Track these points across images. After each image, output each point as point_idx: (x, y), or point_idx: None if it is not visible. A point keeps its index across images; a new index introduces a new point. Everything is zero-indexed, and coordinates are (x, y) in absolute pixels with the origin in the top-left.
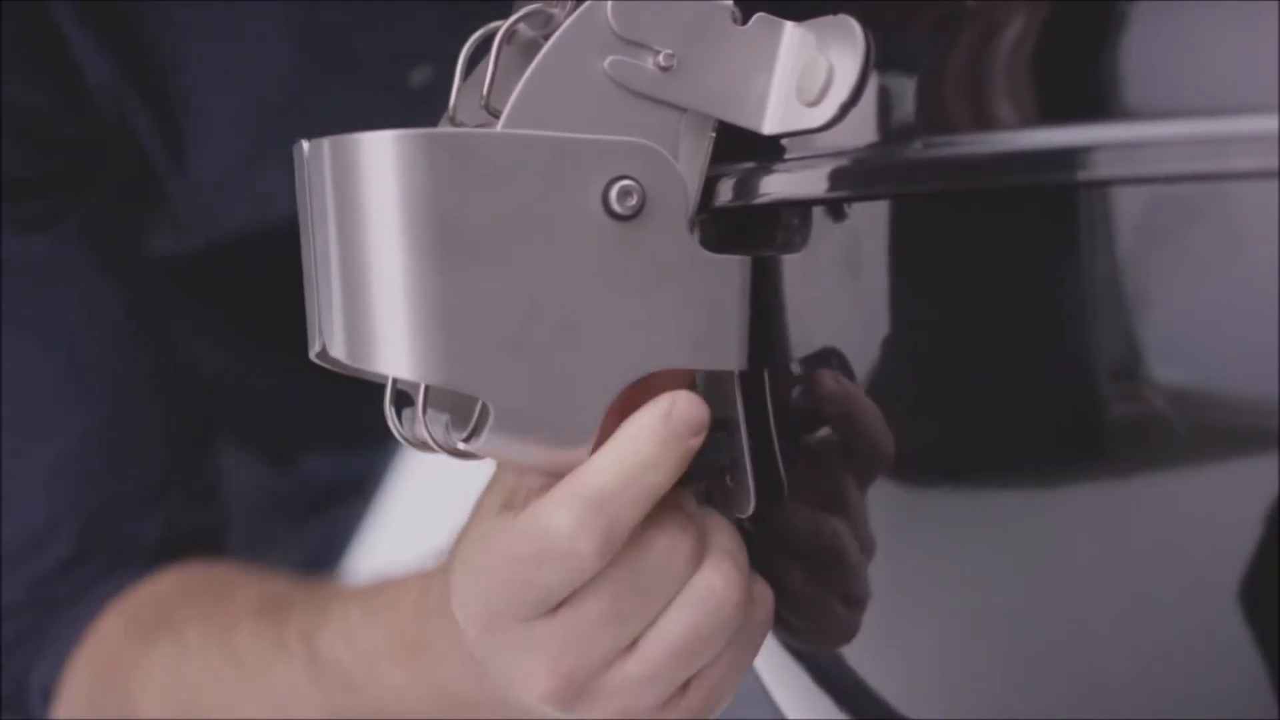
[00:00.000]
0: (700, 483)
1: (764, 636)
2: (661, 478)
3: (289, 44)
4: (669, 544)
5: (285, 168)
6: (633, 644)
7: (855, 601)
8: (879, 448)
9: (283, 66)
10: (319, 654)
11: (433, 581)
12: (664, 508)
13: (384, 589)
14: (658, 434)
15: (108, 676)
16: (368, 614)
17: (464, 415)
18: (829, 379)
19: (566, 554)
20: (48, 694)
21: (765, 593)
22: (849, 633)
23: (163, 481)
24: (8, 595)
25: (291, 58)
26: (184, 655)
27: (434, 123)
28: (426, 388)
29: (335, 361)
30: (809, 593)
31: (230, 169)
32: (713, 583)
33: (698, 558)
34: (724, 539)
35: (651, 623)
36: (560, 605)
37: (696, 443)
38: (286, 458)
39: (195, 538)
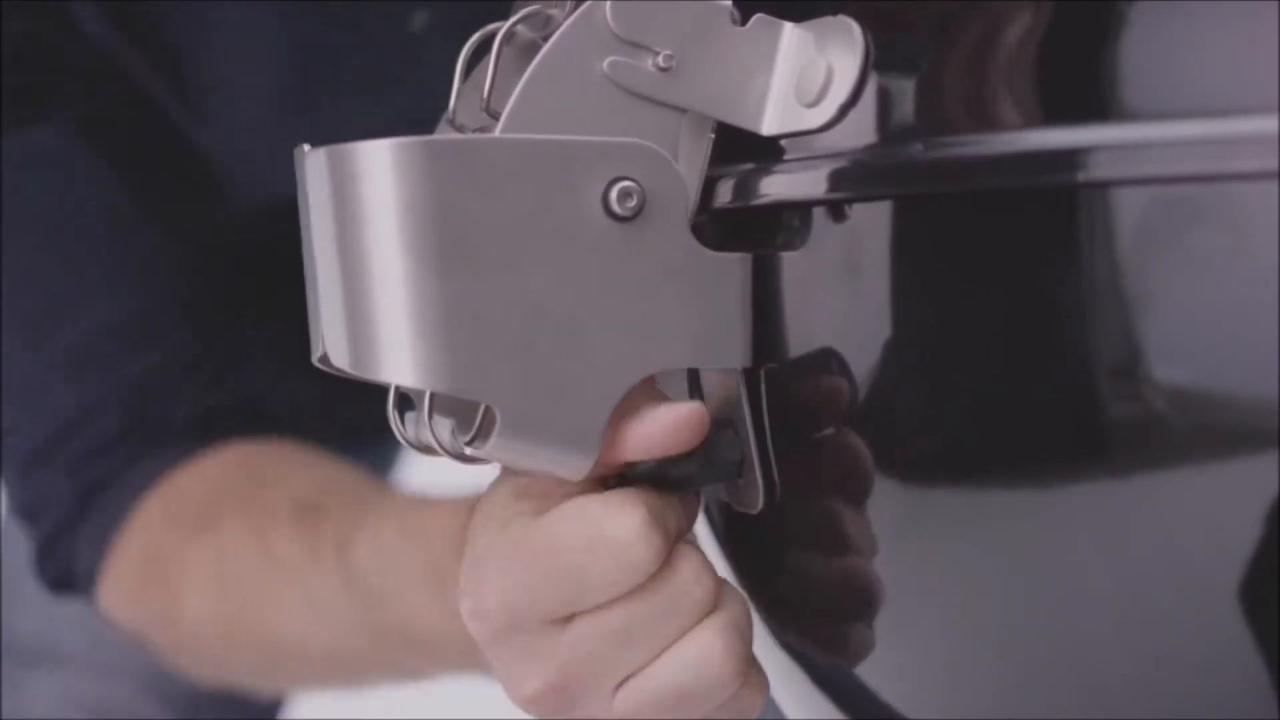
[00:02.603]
0: (713, 483)
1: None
2: (694, 510)
3: (291, 11)
4: (691, 572)
5: (294, 131)
6: (622, 682)
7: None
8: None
9: (282, 18)
10: (351, 565)
11: (467, 514)
12: (690, 549)
13: (420, 510)
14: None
15: (151, 566)
16: (401, 534)
17: (468, 419)
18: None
19: (626, 549)
20: (91, 577)
21: (760, 678)
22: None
23: (192, 358)
24: (50, 480)
25: (293, 22)
26: (223, 555)
27: (433, 92)
28: (432, 394)
29: (338, 368)
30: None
31: (247, 126)
32: (715, 646)
33: (710, 605)
34: (737, 611)
35: (648, 663)
36: (581, 613)
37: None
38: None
39: (230, 412)
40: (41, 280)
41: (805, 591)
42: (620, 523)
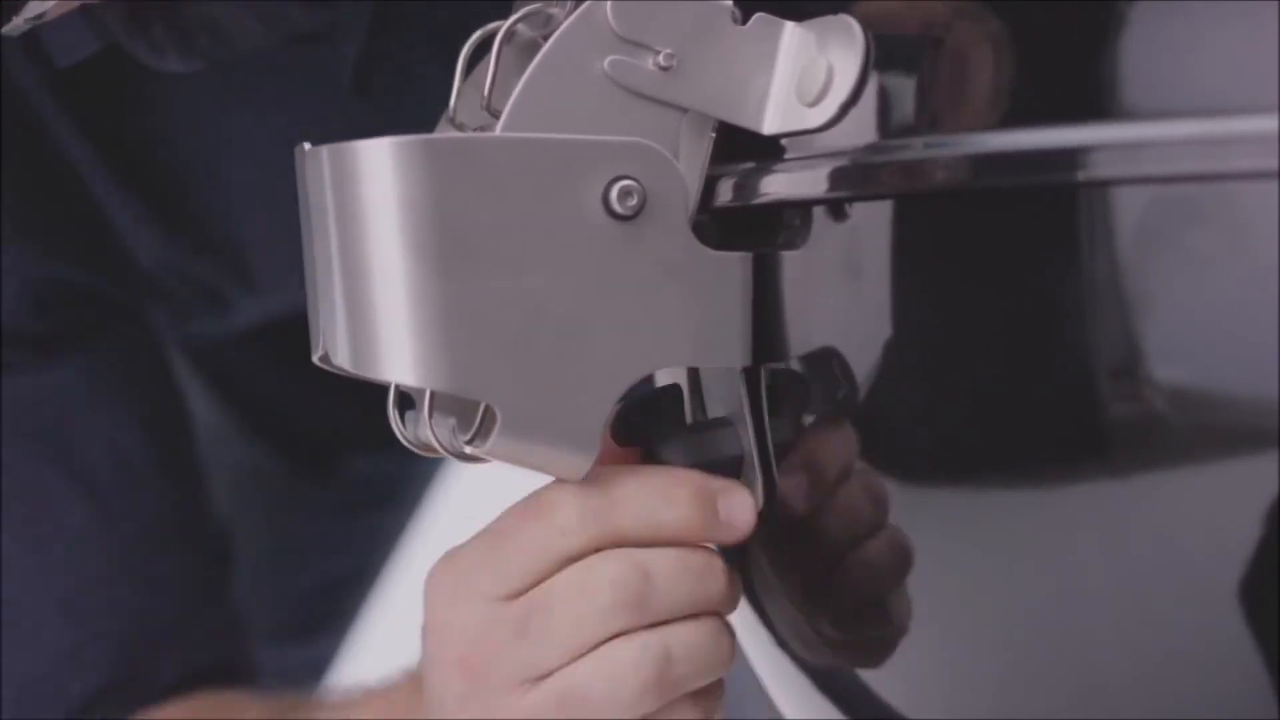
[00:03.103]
0: None
1: None
2: (675, 516)
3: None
4: (598, 586)
5: None
6: (540, 678)
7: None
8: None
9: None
10: None
11: (398, 694)
12: (622, 560)
13: (356, 704)
14: (690, 482)
15: None
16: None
17: (469, 417)
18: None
19: (552, 507)
20: None
21: (696, 707)
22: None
23: (182, 620)
24: (47, 715)
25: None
26: None
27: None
28: (432, 393)
29: (338, 367)
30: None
31: (278, 288)
32: (628, 661)
33: (624, 615)
34: (682, 640)
35: (562, 666)
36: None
37: (724, 530)
38: (325, 462)
39: (215, 675)
40: (52, 519)
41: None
42: (554, 487)
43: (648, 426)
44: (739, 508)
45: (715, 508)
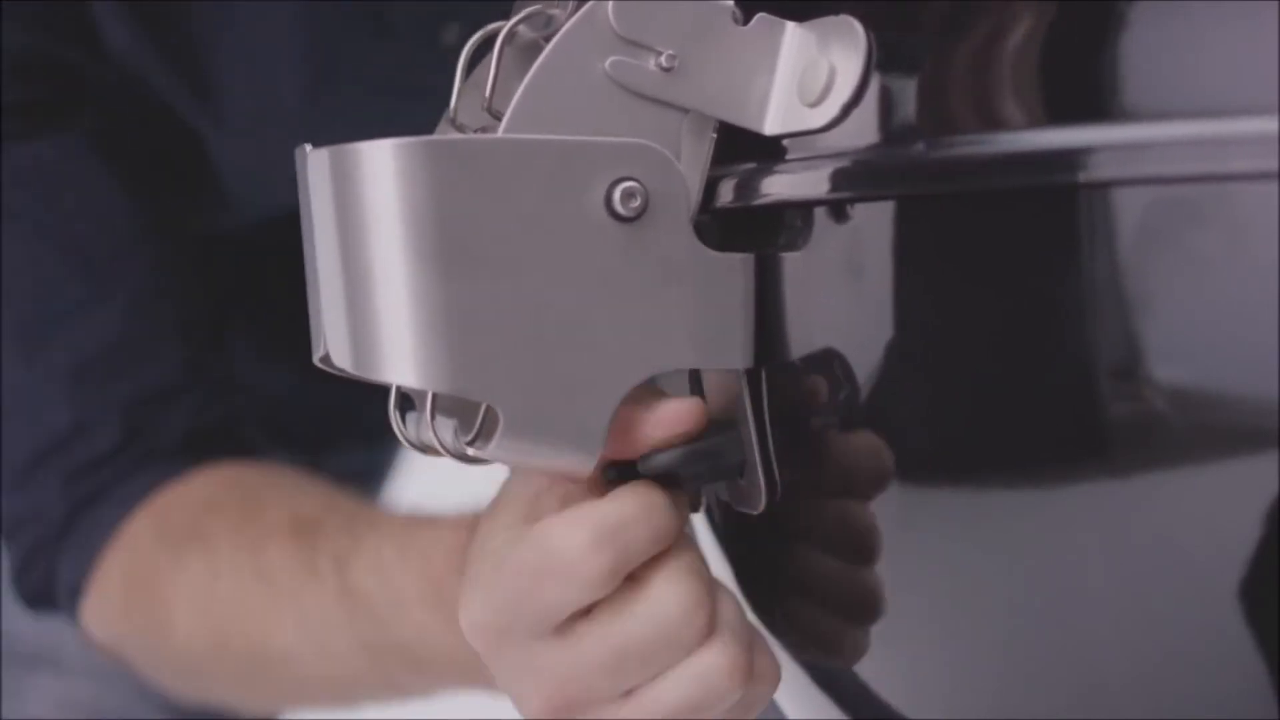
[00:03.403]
0: (714, 482)
1: (763, 706)
2: (674, 521)
3: (323, 8)
4: (683, 613)
5: (317, 137)
6: (630, 691)
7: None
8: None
9: (313, 34)
10: (350, 583)
11: (467, 534)
12: (685, 573)
13: (420, 530)
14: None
15: (139, 582)
16: (401, 553)
17: (471, 419)
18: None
19: (571, 571)
20: (75, 592)
21: (769, 667)
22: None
23: (184, 375)
24: (42, 492)
25: (319, 25)
26: (216, 571)
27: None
28: (434, 395)
29: (340, 369)
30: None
31: (268, 137)
32: (719, 664)
33: (708, 631)
34: (732, 617)
35: (650, 680)
36: (566, 632)
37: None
38: (311, 454)
39: (220, 431)
40: (39, 294)
41: (806, 592)
42: (564, 542)
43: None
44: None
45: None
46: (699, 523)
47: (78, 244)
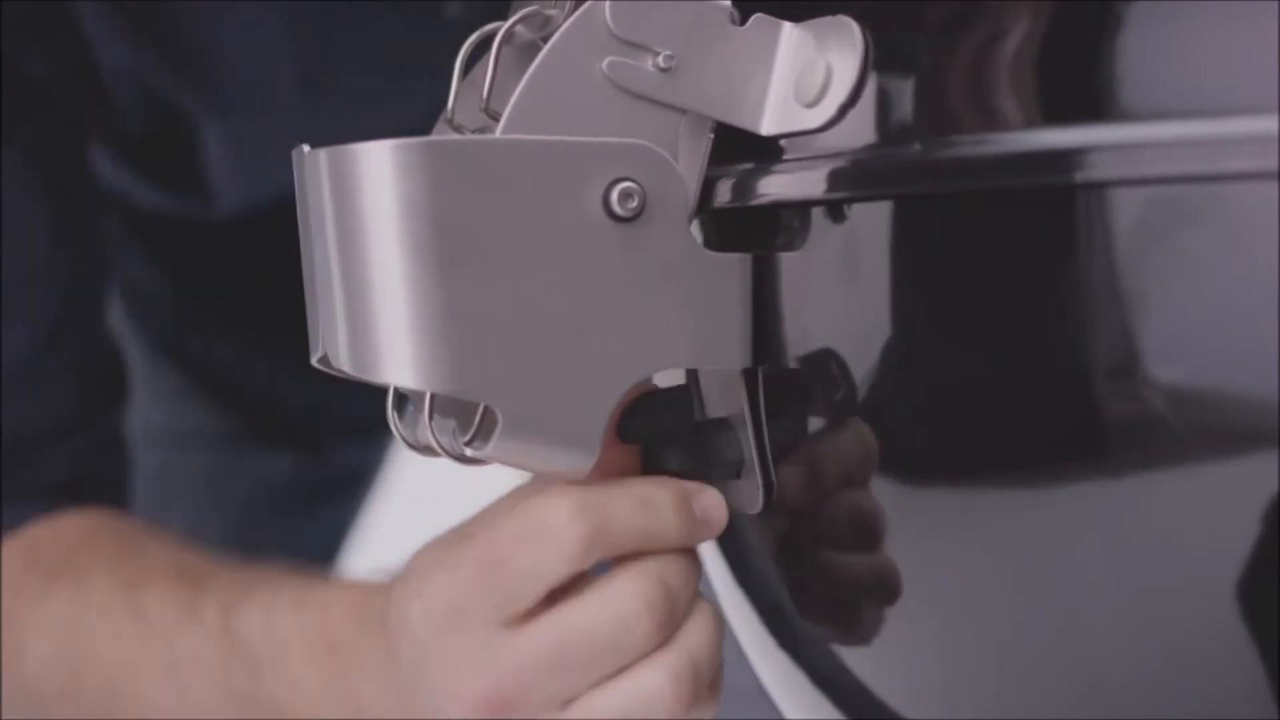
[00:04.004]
0: (710, 483)
1: None
2: (663, 524)
3: None
4: (630, 613)
5: (318, 117)
6: (567, 702)
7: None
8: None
9: (311, 10)
10: (233, 628)
11: (375, 595)
12: (647, 576)
13: (322, 586)
14: (671, 489)
15: (1, 608)
16: (296, 604)
17: (469, 419)
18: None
19: (549, 534)
20: None
21: (712, 700)
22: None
23: (70, 421)
24: None
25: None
26: (86, 603)
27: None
28: (432, 396)
29: (338, 369)
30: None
31: (269, 118)
32: (659, 684)
33: (653, 642)
34: (696, 641)
35: (593, 687)
36: (518, 627)
37: (702, 530)
38: (312, 448)
39: (98, 484)
40: None
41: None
42: (548, 509)
43: (651, 427)
44: (713, 507)
45: (693, 510)
46: None
47: None
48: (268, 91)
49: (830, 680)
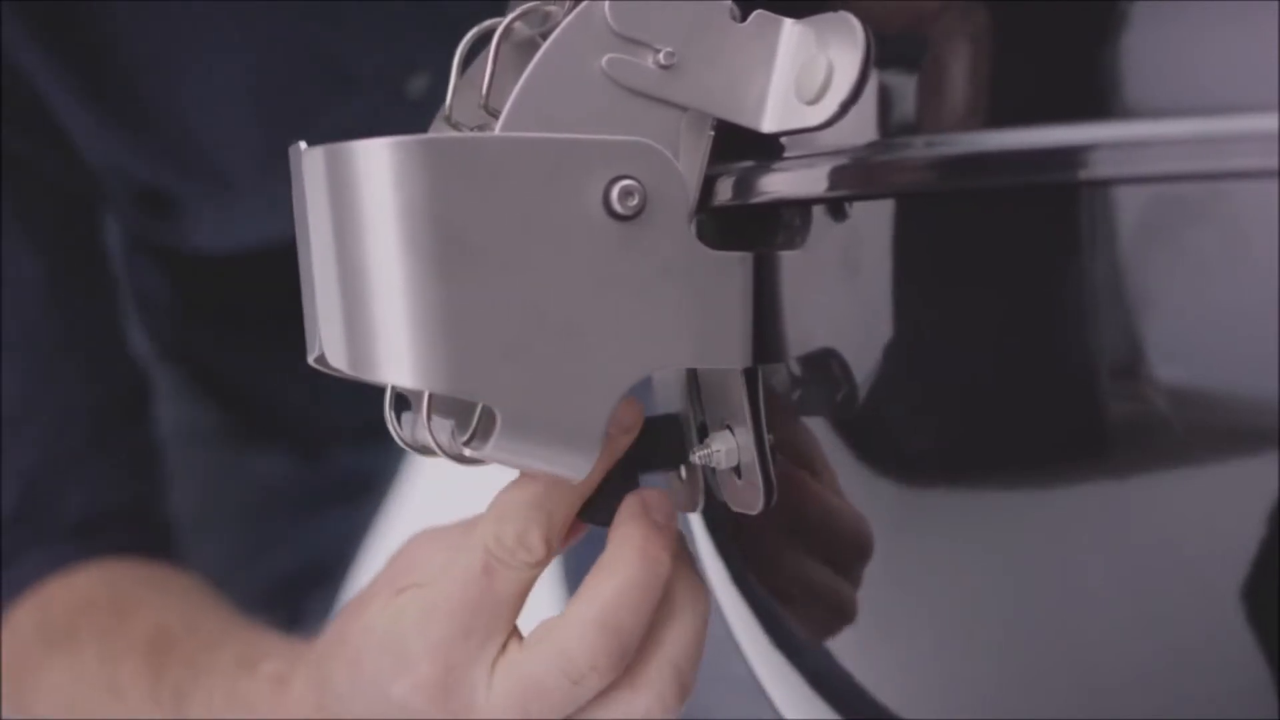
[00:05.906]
0: (656, 471)
1: None
2: (657, 572)
3: (281, 66)
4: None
5: (283, 196)
6: None
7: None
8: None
9: (269, 92)
10: (185, 716)
11: (293, 684)
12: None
13: (246, 678)
14: (642, 544)
15: (15, 671)
16: (228, 702)
17: (467, 419)
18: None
19: (581, 675)
20: None
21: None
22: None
23: (85, 453)
24: None
25: (276, 82)
26: (79, 676)
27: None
28: (430, 395)
29: (335, 369)
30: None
31: (232, 195)
32: (651, 710)
33: (614, 671)
34: (679, 651)
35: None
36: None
37: (672, 526)
38: (315, 452)
39: (122, 514)
40: None
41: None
42: (573, 650)
43: (645, 457)
44: (662, 509)
45: (662, 551)
46: (697, 524)
47: None
48: (228, 169)
49: (826, 680)
